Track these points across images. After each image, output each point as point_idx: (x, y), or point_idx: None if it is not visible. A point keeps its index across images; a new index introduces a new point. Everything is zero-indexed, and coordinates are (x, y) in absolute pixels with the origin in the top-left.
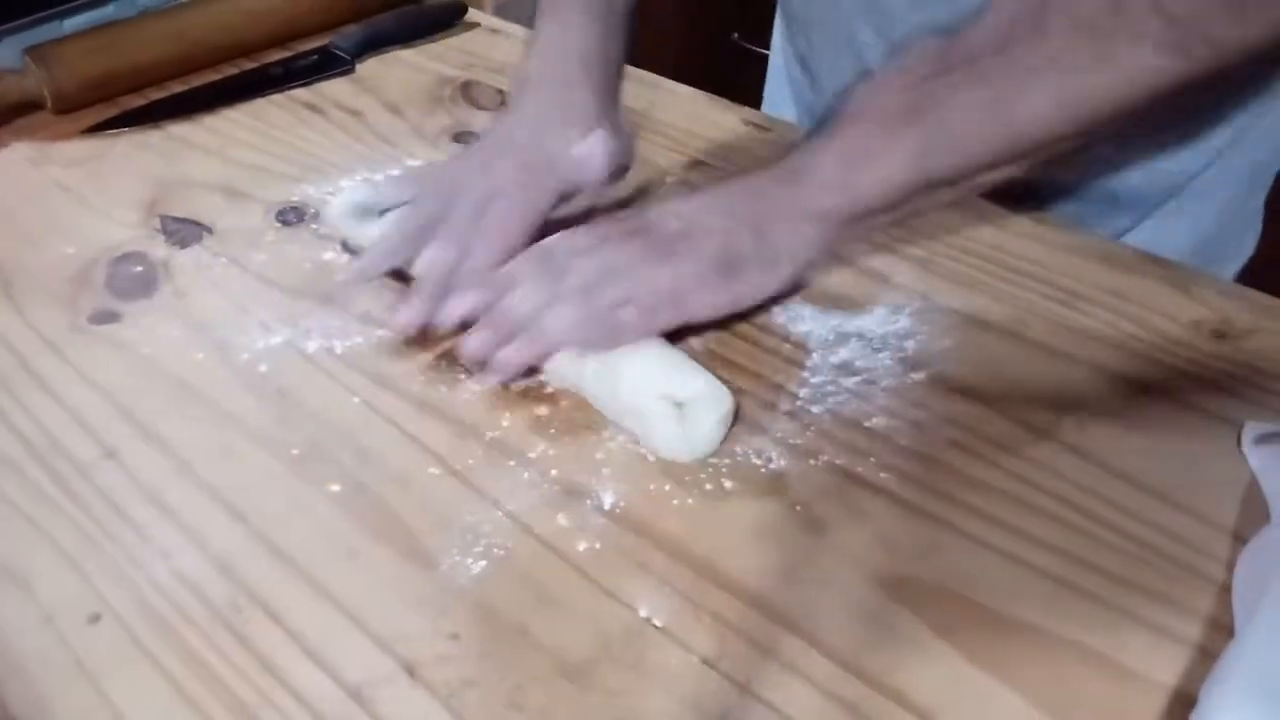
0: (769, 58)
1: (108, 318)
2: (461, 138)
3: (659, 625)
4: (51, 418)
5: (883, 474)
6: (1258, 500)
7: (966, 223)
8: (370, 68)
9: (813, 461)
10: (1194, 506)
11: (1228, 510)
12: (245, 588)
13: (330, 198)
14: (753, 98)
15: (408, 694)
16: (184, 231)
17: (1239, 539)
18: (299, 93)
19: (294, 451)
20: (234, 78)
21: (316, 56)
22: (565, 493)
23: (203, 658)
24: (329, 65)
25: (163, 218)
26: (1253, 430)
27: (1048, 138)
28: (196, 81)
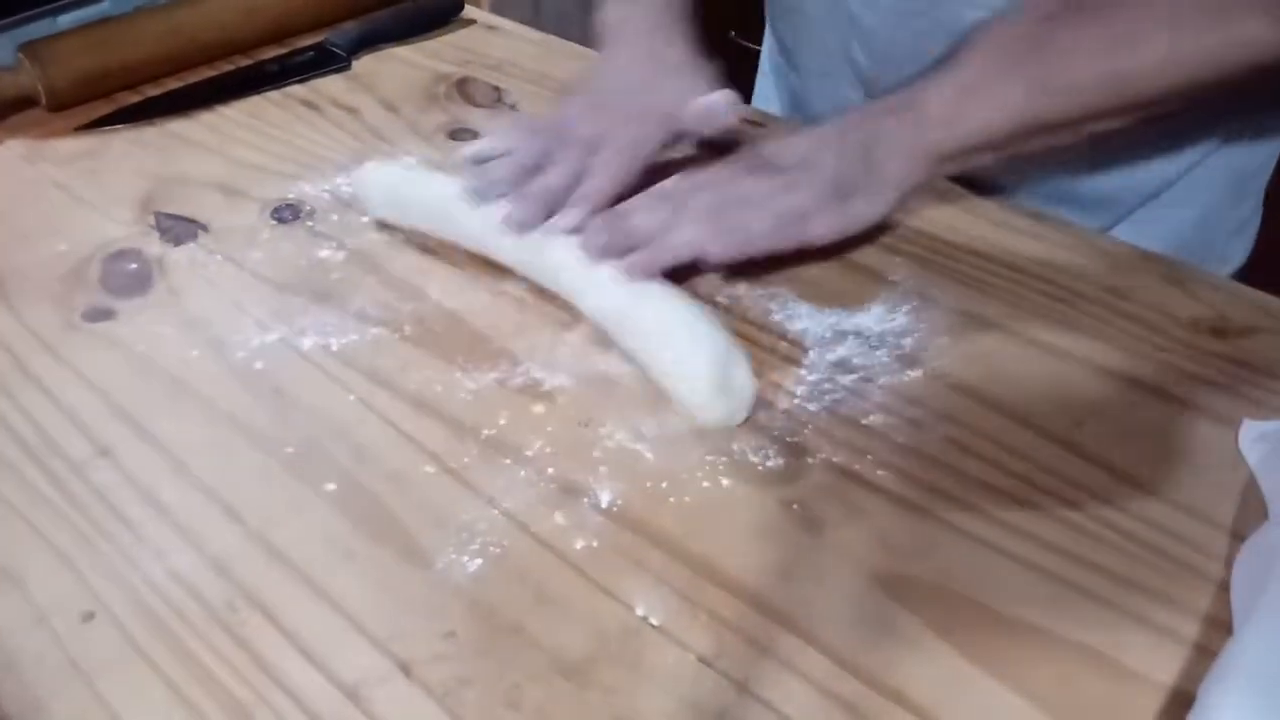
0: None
1: (102, 315)
2: (458, 134)
3: (656, 624)
4: (45, 416)
5: (880, 472)
6: (1256, 498)
7: (963, 219)
8: (366, 64)
9: (810, 459)
10: (1192, 504)
11: (1226, 508)
12: (241, 587)
13: (365, 171)
14: (749, 94)
15: (404, 693)
16: (179, 229)
17: (1237, 537)
18: (295, 90)
19: (289, 450)
20: (229, 75)
21: (312, 53)
22: (562, 491)
23: (198, 657)
24: (325, 62)
25: (158, 215)
26: (1251, 428)
27: (1155, 92)
28: (192, 78)
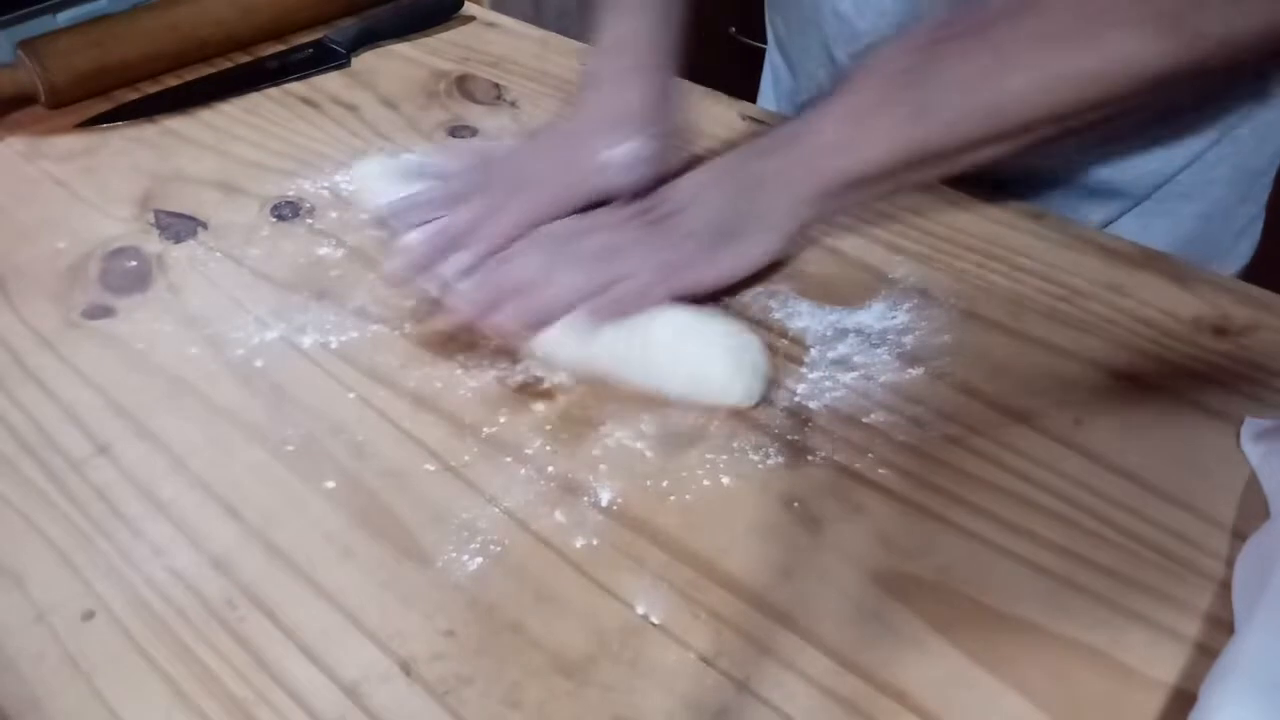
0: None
1: (101, 312)
2: (457, 132)
3: (656, 622)
4: (44, 413)
5: (881, 470)
6: (1257, 496)
7: (964, 217)
8: (366, 61)
9: (811, 458)
10: (1193, 503)
11: (1227, 506)
12: (240, 584)
13: (361, 162)
14: (750, 92)
15: (404, 691)
16: (178, 226)
17: (1238, 535)
18: (294, 87)
19: (289, 447)
20: (228, 72)
21: (312, 50)
22: (562, 489)
23: (197, 655)
24: (324, 59)
25: (157, 212)
26: (1252, 426)
27: (1033, 116)
28: (191, 76)
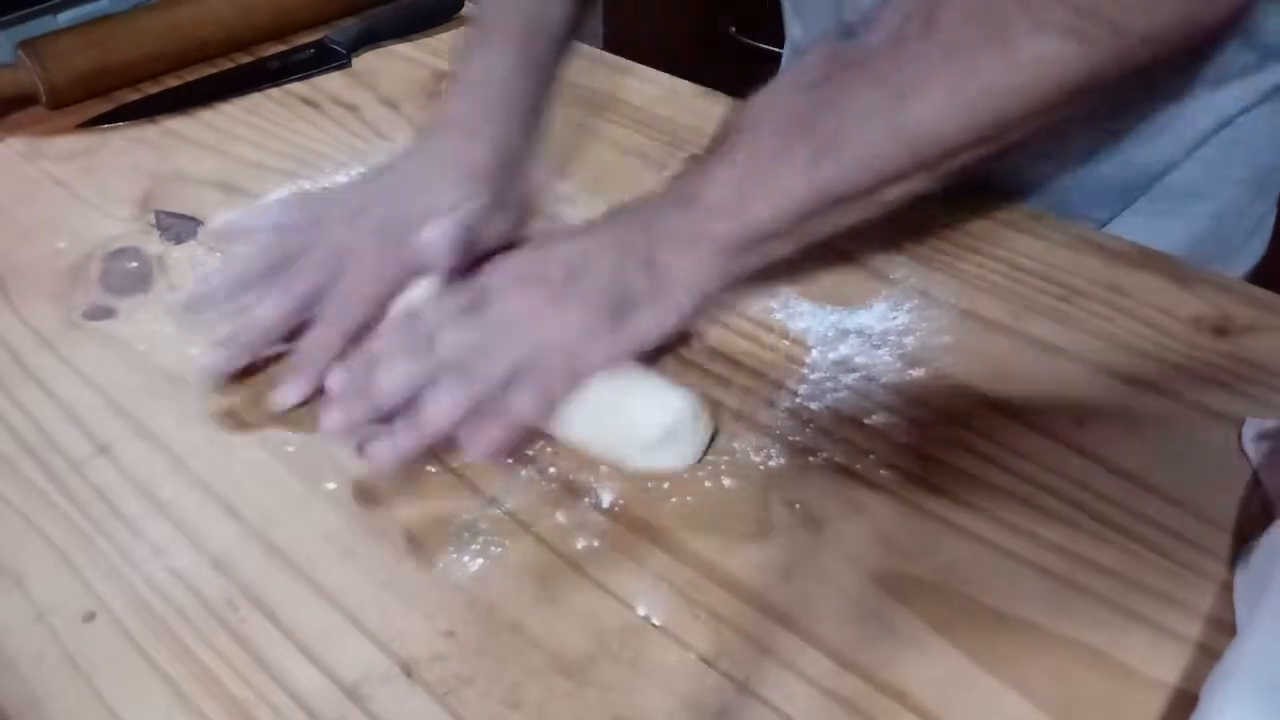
0: (779, 50)
1: (102, 313)
2: None
3: (657, 623)
4: (45, 413)
5: (882, 471)
6: (1257, 497)
7: (965, 218)
8: (366, 62)
9: (812, 459)
10: (1194, 504)
11: (1228, 508)
12: (240, 585)
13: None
14: (749, 91)
15: (404, 692)
16: (179, 227)
17: (1239, 536)
18: (294, 87)
19: (289, 448)
20: (229, 72)
21: (312, 50)
22: (563, 490)
23: (197, 656)
24: (325, 59)
25: (157, 213)
26: (1253, 427)
27: (951, 140)
28: (191, 76)
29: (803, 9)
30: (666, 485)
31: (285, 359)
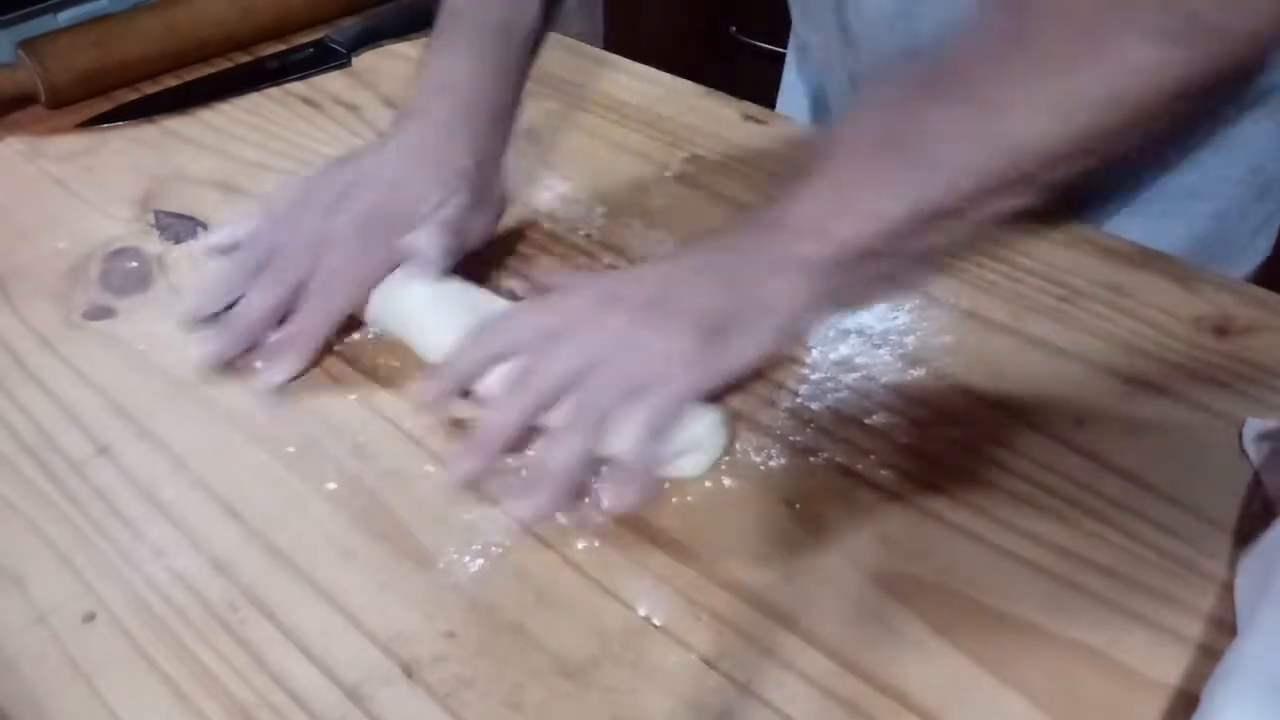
0: (780, 49)
1: (102, 313)
2: None
3: (658, 624)
4: (45, 414)
5: (883, 471)
6: (1258, 498)
7: None
8: (366, 61)
9: (812, 459)
10: (1194, 504)
11: (1228, 508)
12: (241, 586)
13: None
14: (749, 90)
15: (405, 693)
16: (178, 227)
17: (1239, 537)
18: (295, 87)
19: (290, 449)
20: (229, 72)
21: (312, 50)
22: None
23: (198, 657)
24: (325, 59)
25: (157, 213)
26: (1254, 427)
27: (1049, 152)
28: (191, 76)
29: (808, 9)
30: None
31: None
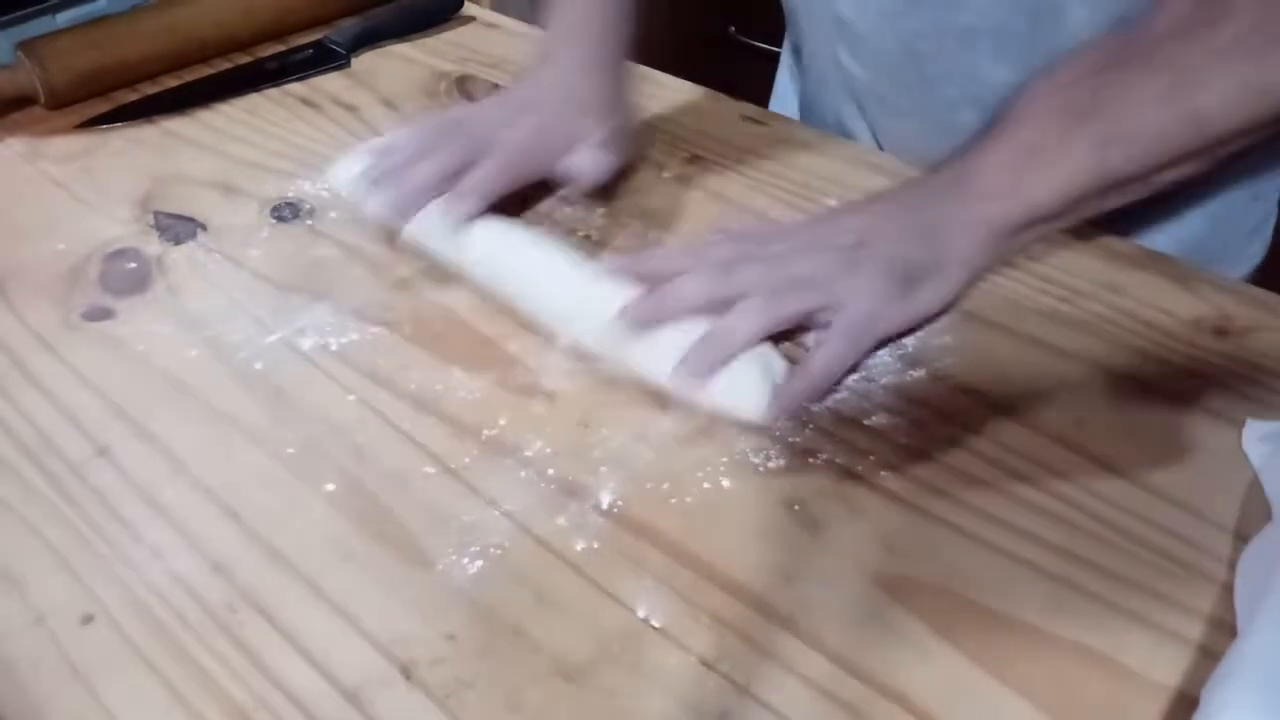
0: (779, 50)
1: (101, 314)
2: None
3: (657, 625)
4: (43, 415)
5: (882, 472)
6: (1259, 498)
7: None
8: (366, 62)
9: (812, 460)
10: (1195, 505)
11: (1229, 509)
12: (240, 588)
13: (335, 168)
14: (749, 91)
15: (404, 696)
16: (178, 227)
17: (1240, 538)
18: (294, 87)
19: (289, 450)
20: (228, 72)
21: (311, 51)
22: (563, 492)
23: (197, 660)
24: (324, 60)
25: (156, 214)
26: (1254, 428)
27: (1234, 127)
28: (190, 76)
29: (804, 9)
30: (666, 486)
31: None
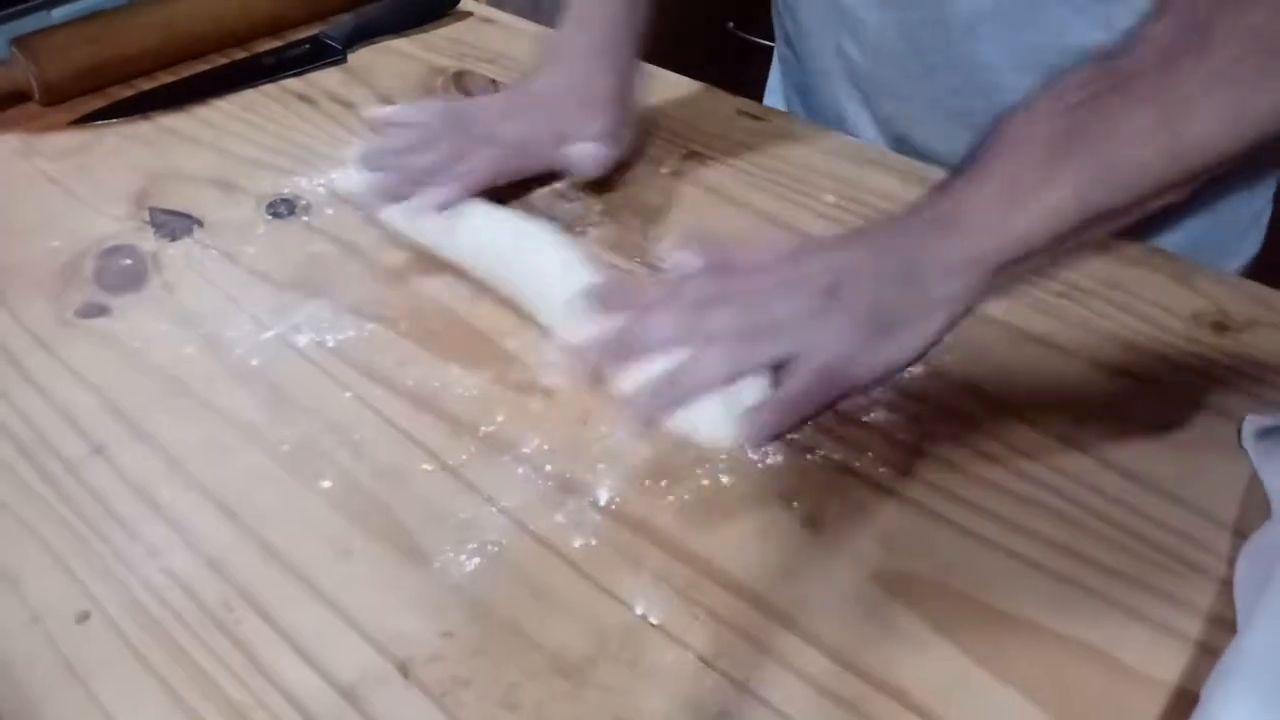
0: (772, 45)
1: (96, 311)
2: None
3: (655, 623)
4: (39, 413)
5: (881, 469)
6: (1258, 494)
7: None
8: (362, 57)
9: (810, 456)
10: (1194, 501)
11: (1228, 505)
12: (236, 586)
13: (340, 178)
14: (748, 87)
15: (401, 694)
16: (174, 224)
17: (1239, 534)
18: (290, 83)
19: (285, 447)
20: (224, 68)
21: (308, 46)
22: (560, 489)
23: (193, 658)
24: (320, 55)
25: (152, 210)
26: (1253, 424)
27: (1218, 157)
28: (186, 72)
29: (799, 41)
30: (664, 483)
31: None
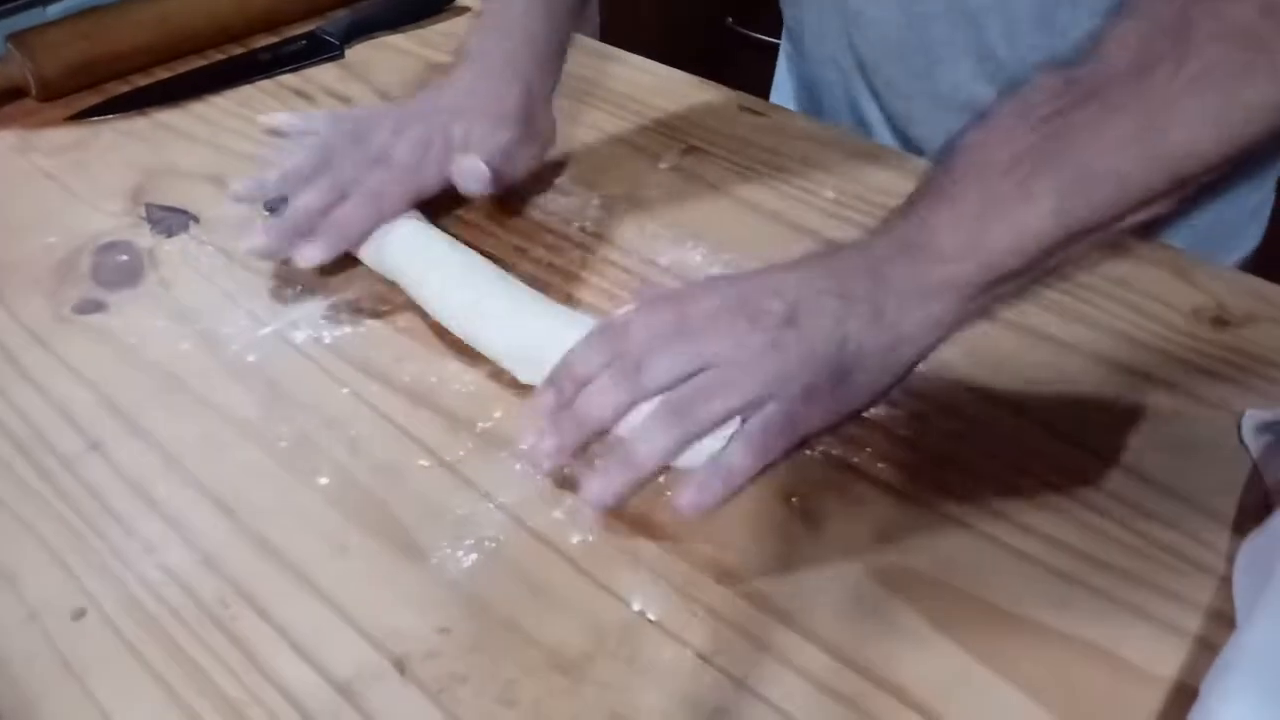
0: (771, 40)
1: (92, 307)
2: None
3: (653, 619)
4: (35, 409)
5: (880, 464)
6: (1258, 490)
7: None
8: (359, 53)
9: (809, 452)
10: (1194, 496)
11: (1228, 500)
12: (233, 582)
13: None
14: (747, 82)
15: (398, 690)
16: (170, 220)
17: (1239, 529)
18: (287, 79)
19: (282, 444)
20: (221, 64)
21: (305, 42)
22: (558, 485)
23: (190, 654)
24: (317, 51)
25: (148, 206)
26: (1253, 418)
27: (1205, 162)
28: (182, 68)
29: (804, 37)
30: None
31: None
